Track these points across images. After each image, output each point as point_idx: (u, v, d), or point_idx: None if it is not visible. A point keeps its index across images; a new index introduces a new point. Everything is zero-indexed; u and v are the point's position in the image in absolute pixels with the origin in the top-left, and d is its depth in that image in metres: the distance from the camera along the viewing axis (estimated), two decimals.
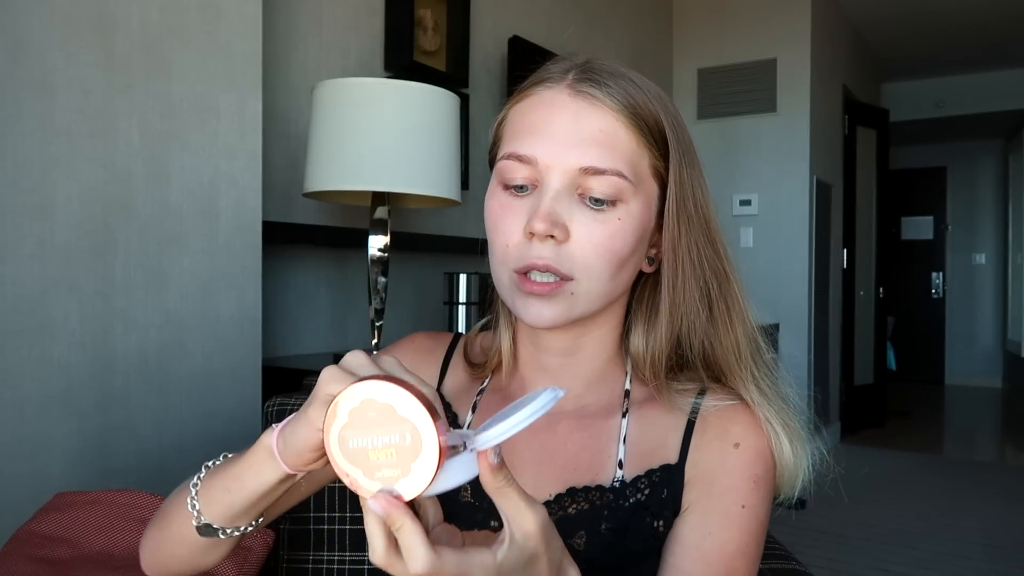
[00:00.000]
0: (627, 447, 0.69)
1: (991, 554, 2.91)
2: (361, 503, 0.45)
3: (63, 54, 1.27)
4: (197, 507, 0.60)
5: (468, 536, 0.50)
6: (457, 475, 0.46)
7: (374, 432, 0.44)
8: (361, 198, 1.86)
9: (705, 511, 0.66)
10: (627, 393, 0.71)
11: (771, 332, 4.04)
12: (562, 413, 0.71)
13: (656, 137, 0.65)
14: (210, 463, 0.62)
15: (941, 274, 7.80)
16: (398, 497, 0.44)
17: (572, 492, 0.67)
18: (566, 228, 0.62)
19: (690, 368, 0.71)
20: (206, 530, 0.59)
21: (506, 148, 0.66)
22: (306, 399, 0.51)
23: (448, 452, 0.45)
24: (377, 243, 1.79)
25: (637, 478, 0.68)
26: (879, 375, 5.27)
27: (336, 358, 1.85)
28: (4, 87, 1.19)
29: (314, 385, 0.50)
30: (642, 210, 0.65)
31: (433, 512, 0.50)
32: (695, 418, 0.69)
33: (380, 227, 1.79)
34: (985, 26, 5.09)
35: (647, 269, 0.70)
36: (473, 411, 0.74)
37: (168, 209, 1.42)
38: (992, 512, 3.42)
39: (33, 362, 1.23)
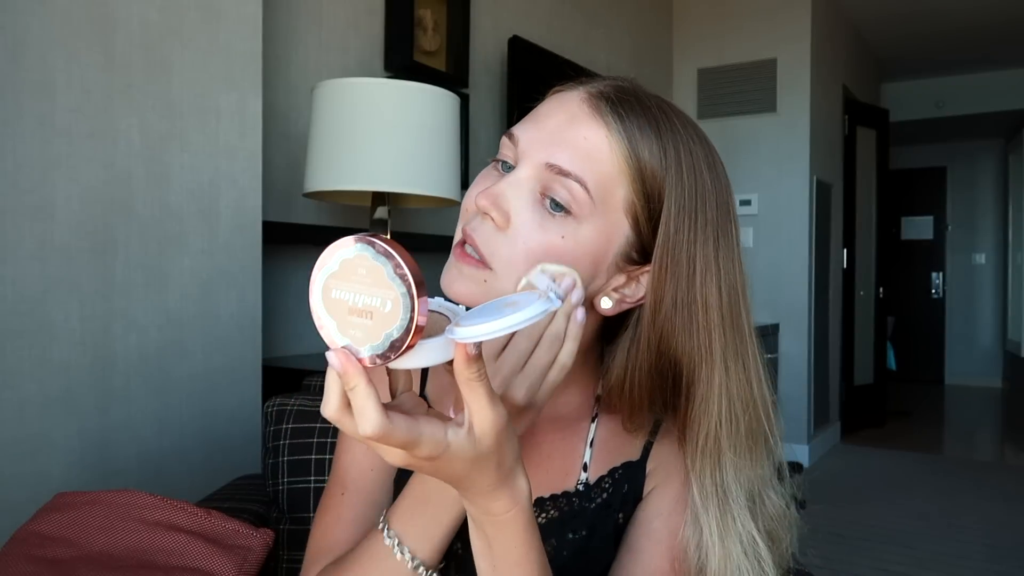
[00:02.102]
0: (593, 450, 0.70)
1: (991, 554, 2.91)
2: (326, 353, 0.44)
3: (63, 54, 1.27)
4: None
5: (432, 411, 0.50)
6: (429, 356, 0.45)
7: (359, 289, 0.43)
8: (361, 198, 1.86)
9: (661, 496, 0.69)
10: (598, 398, 0.72)
11: (771, 332, 4.04)
12: None
13: (646, 179, 0.61)
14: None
15: (941, 274, 7.80)
16: (360, 360, 0.43)
17: (540, 502, 0.68)
18: (507, 215, 0.60)
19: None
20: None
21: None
22: (307, 398, 0.50)
23: (424, 331, 0.44)
24: None
25: (601, 478, 0.70)
26: (879, 375, 5.27)
27: None
28: (4, 87, 1.19)
29: (314, 385, 0.49)
30: (594, 239, 0.61)
31: (404, 379, 0.50)
32: (660, 424, 0.71)
33: (380, 227, 1.79)
34: (985, 26, 5.09)
35: (603, 310, 0.64)
36: None
37: (168, 209, 1.42)
38: (992, 512, 3.42)
39: (33, 362, 1.23)
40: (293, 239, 1.96)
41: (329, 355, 0.43)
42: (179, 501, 0.92)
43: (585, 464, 0.70)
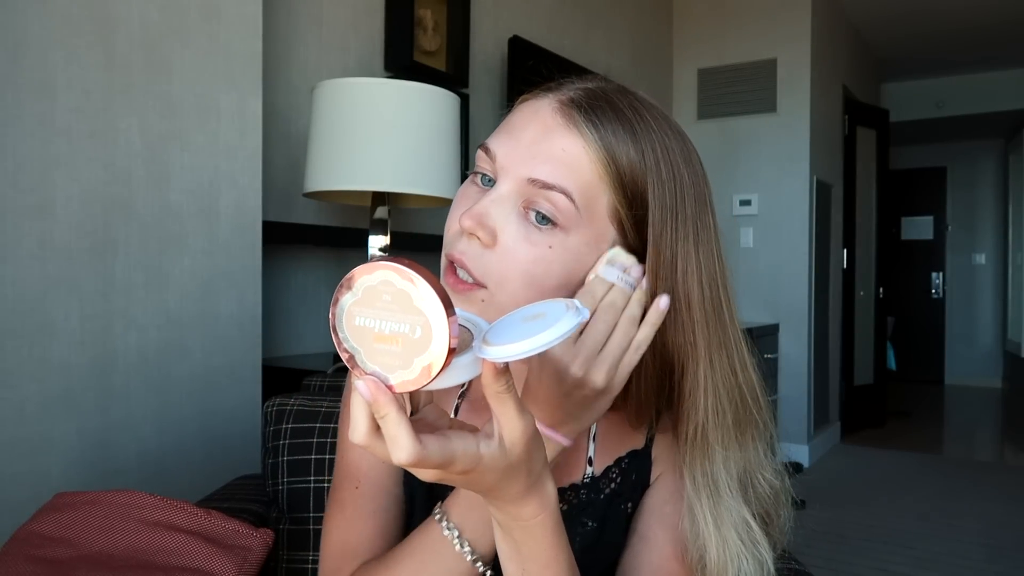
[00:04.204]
0: (596, 443, 0.71)
1: (991, 554, 2.91)
2: (352, 380, 0.44)
3: (63, 54, 1.27)
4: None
5: (455, 422, 0.50)
6: (457, 374, 0.45)
7: (384, 316, 0.42)
8: (361, 198, 1.86)
9: (667, 482, 0.71)
10: None
11: (771, 332, 4.03)
12: None
13: (627, 184, 0.61)
14: None
15: (941, 274, 7.80)
16: (390, 387, 0.42)
17: None
18: (494, 233, 0.60)
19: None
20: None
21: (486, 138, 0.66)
22: (307, 398, 0.50)
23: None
24: (377, 243, 1.79)
25: (608, 469, 0.71)
26: (879, 375, 5.27)
27: (336, 358, 1.85)
28: (4, 87, 1.19)
29: (314, 384, 0.49)
30: (582, 248, 0.61)
31: (425, 393, 0.50)
32: (661, 412, 0.72)
33: (380, 227, 1.79)
34: (985, 26, 5.09)
35: None
36: (455, 414, 0.74)
37: (168, 209, 1.42)
38: (992, 512, 3.42)
39: (33, 362, 1.23)
40: (293, 239, 1.96)
41: (358, 383, 0.43)
42: (179, 501, 0.92)
43: (590, 459, 0.71)
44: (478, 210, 0.60)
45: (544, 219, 0.60)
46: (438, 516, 0.61)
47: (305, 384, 1.29)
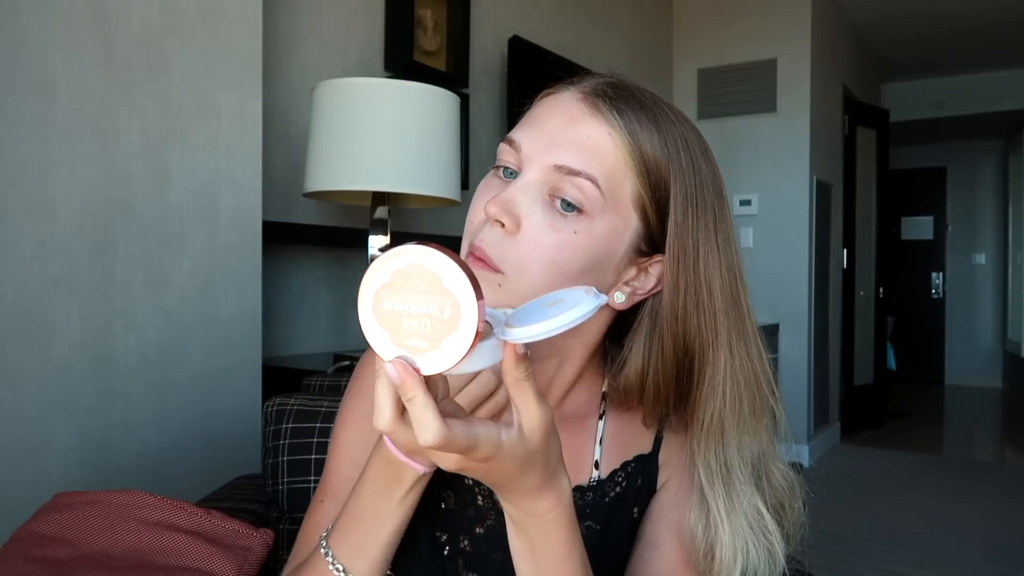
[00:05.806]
0: (603, 447, 0.71)
1: (991, 554, 2.91)
2: (376, 366, 0.44)
3: (63, 54, 1.27)
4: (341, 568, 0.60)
5: (474, 415, 0.51)
6: (481, 359, 0.45)
7: (413, 299, 0.42)
8: (361, 198, 1.86)
9: (675, 487, 0.70)
10: (604, 396, 0.72)
11: (771, 332, 4.02)
12: None
13: (651, 171, 0.62)
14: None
15: (941, 274, 7.80)
16: (417, 369, 0.43)
17: None
18: (518, 220, 0.60)
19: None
20: None
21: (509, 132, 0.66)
22: (307, 398, 0.50)
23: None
24: (377, 243, 1.79)
25: (614, 472, 0.71)
26: (879, 375, 5.26)
27: (336, 358, 1.85)
28: (4, 87, 1.19)
29: (314, 384, 0.49)
30: (606, 235, 0.62)
31: (443, 386, 0.51)
32: (668, 418, 0.72)
33: (380, 227, 1.79)
34: (985, 26, 5.09)
35: (616, 305, 0.65)
36: None
37: (168, 209, 1.42)
38: (992, 512, 3.42)
39: (33, 362, 1.23)
40: (293, 239, 1.96)
41: (386, 367, 0.43)
42: (179, 501, 0.92)
43: (596, 462, 0.71)
44: (504, 197, 0.60)
45: (569, 206, 0.60)
46: (321, 540, 0.62)
47: (305, 384, 1.29)
